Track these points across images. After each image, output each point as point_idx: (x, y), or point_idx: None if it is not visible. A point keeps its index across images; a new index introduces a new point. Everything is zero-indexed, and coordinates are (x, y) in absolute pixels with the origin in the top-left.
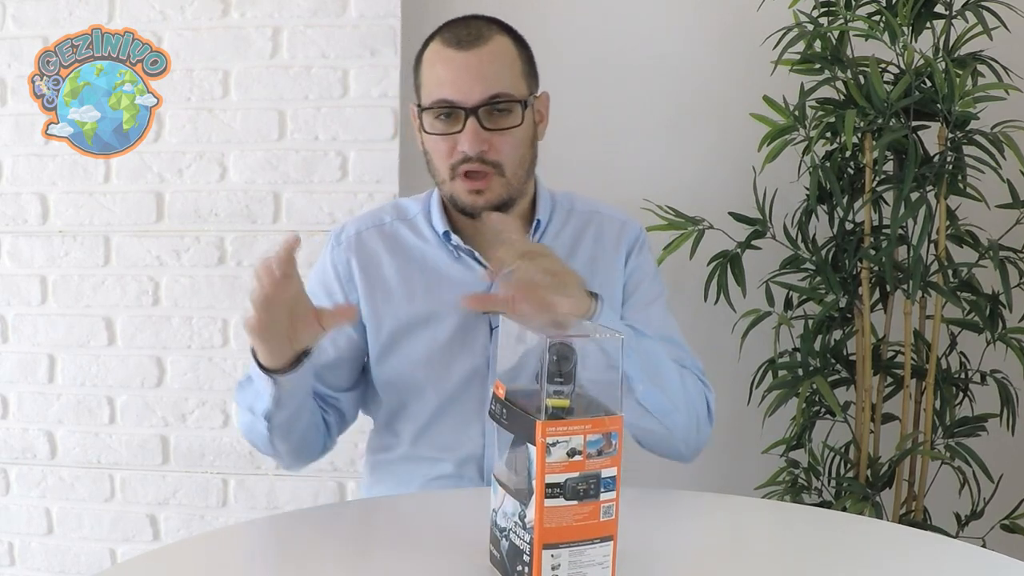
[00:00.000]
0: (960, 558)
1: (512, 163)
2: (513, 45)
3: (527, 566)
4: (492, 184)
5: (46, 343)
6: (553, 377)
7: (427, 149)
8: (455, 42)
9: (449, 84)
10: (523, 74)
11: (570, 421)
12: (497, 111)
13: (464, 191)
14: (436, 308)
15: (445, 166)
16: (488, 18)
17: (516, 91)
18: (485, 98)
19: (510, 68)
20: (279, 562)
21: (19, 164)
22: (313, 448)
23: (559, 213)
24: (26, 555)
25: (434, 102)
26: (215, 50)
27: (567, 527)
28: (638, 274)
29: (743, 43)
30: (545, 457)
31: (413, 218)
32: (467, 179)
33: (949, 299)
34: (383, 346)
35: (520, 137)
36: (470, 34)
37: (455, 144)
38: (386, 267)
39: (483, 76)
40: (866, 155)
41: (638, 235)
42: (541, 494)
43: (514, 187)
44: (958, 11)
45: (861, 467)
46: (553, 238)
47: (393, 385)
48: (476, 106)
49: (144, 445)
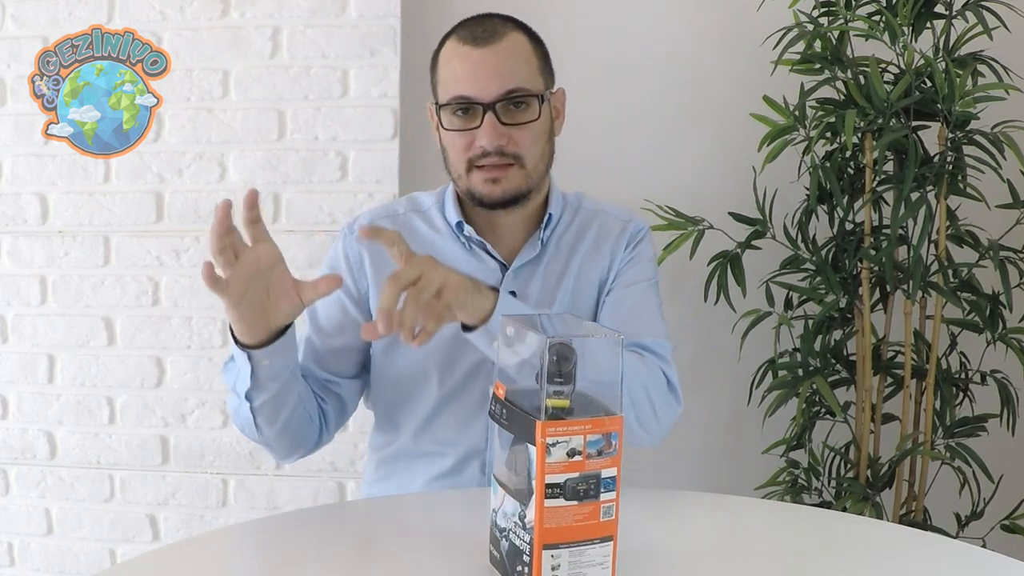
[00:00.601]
0: (960, 558)
1: (532, 155)
2: (528, 41)
3: (527, 566)
4: (510, 174)
5: (46, 343)
6: (553, 377)
7: (445, 146)
8: (471, 39)
9: (466, 80)
10: (539, 70)
11: (570, 421)
12: (514, 106)
13: (481, 181)
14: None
15: (462, 161)
16: (503, 16)
17: (533, 86)
18: (502, 93)
19: (526, 64)
20: (279, 563)
21: (19, 164)
22: (306, 438)
23: (568, 211)
24: (26, 555)
25: (452, 98)
26: (215, 50)
27: (567, 527)
28: (630, 263)
29: (743, 43)
30: (545, 457)
31: (427, 210)
32: (484, 170)
33: (949, 299)
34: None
35: (538, 131)
36: (485, 31)
37: (473, 140)
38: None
39: (500, 72)
40: (866, 155)
41: (639, 231)
42: (541, 494)
43: (533, 180)
44: (958, 11)
45: (861, 467)
46: (560, 236)
47: (397, 376)
48: (493, 101)
49: (144, 445)
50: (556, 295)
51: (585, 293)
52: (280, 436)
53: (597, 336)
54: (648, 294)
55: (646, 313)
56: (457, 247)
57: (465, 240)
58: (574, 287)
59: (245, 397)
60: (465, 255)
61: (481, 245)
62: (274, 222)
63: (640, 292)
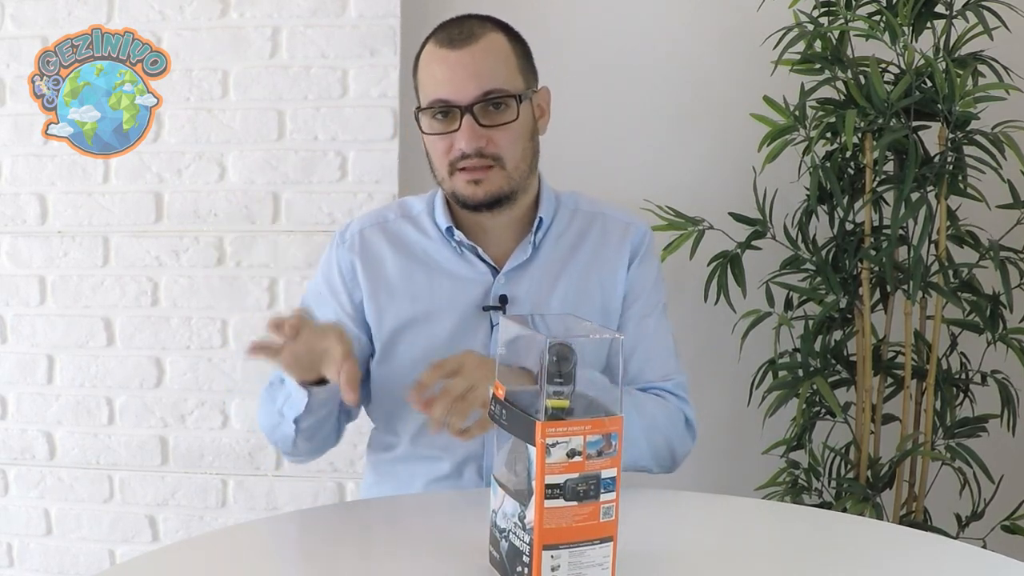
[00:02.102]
0: (960, 559)
1: (512, 156)
2: (507, 41)
3: (527, 567)
4: (491, 175)
5: (45, 344)
6: (553, 378)
7: (427, 149)
8: (448, 41)
9: (444, 83)
10: (519, 69)
11: (570, 422)
12: (492, 107)
13: (463, 182)
14: (437, 305)
15: (444, 164)
16: (481, 16)
17: (511, 86)
18: (479, 95)
19: (504, 64)
20: (278, 563)
21: (18, 164)
22: (328, 444)
23: (563, 213)
24: (25, 556)
25: (431, 102)
26: (214, 50)
27: (567, 528)
28: (640, 283)
29: (743, 43)
30: (545, 458)
31: (417, 215)
32: (465, 172)
33: (950, 299)
34: (385, 344)
35: (518, 131)
36: (462, 33)
37: (452, 143)
38: (389, 265)
39: (476, 73)
40: (866, 155)
41: (643, 238)
42: (541, 495)
43: (515, 180)
44: (959, 11)
45: (861, 468)
46: (556, 238)
47: (393, 383)
48: (471, 103)
49: (143, 446)
50: (551, 299)
51: (589, 296)
52: (310, 450)
53: (597, 336)
54: (662, 323)
55: (663, 348)
56: (448, 251)
57: (456, 244)
58: (576, 290)
59: (293, 421)
60: (456, 259)
61: (472, 249)
62: (273, 222)
63: (656, 323)
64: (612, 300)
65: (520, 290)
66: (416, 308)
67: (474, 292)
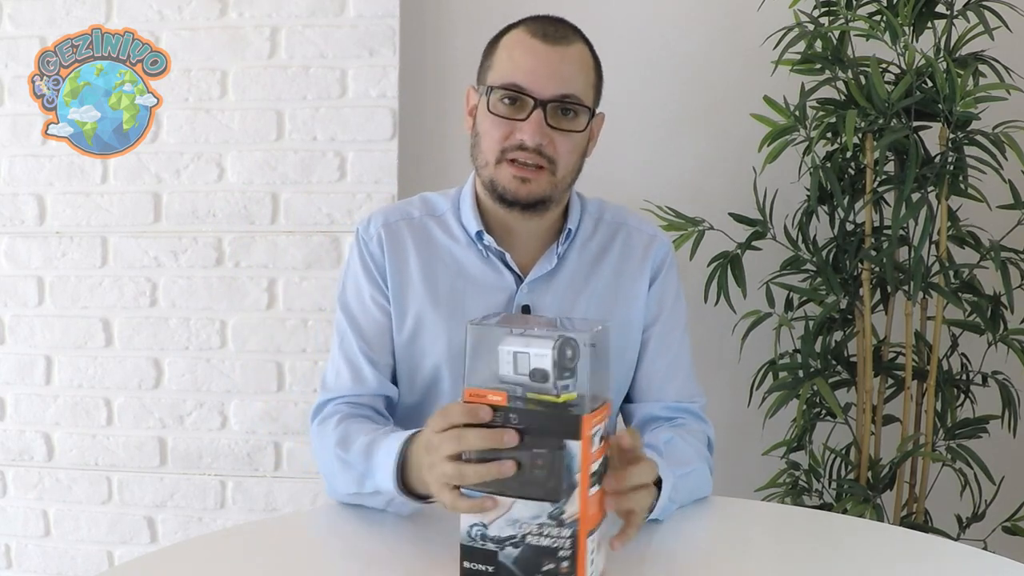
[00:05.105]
0: (961, 560)
1: (566, 164)
2: (591, 58)
3: (567, 560)
4: (540, 177)
5: (43, 344)
6: (563, 372)
7: (480, 131)
8: (541, 34)
9: (526, 72)
10: (593, 87)
11: (600, 409)
12: (563, 111)
13: (509, 176)
14: (457, 310)
15: (496, 149)
16: (575, 26)
17: (586, 98)
18: (557, 95)
19: (586, 76)
20: (277, 564)
21: (16, 165)
22: None
23: (588, 221)
24: (23, 557)
25: (506, 84)
26: (213, 50)
27: (596, 513)
28: (662, 300)
29: (743, 43)
30: (590, 448)
31: (442, 215)
32: (515, 166)
33: (950, 300)
34: (405, 340)
35: (578, 143)
36: (558, 31)
37: (513, 130)
38: (412, 262)
39: (561, 74)
40: (867, 155)
41: (665, 255)
42: (586, 484)
43: (559, 189)
44: (959, 11)
45: (862, 469)
46: (581, 247)
47: (412, 380)
48: (547, 100)
49: (141, 447)
50: (573, 312)
51: (610, 310)
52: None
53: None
54: (683, 343)
55: (684, 370)
56: (474, 256)
57: (483, 248)
58: (598, 303)
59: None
60: (481, 264)
61: (500, 255)
62: (272, 223)
63: (677, 344)
64: (634, 314)
65: (543, 301)
66: (438, 311)
67: (497, 300)
